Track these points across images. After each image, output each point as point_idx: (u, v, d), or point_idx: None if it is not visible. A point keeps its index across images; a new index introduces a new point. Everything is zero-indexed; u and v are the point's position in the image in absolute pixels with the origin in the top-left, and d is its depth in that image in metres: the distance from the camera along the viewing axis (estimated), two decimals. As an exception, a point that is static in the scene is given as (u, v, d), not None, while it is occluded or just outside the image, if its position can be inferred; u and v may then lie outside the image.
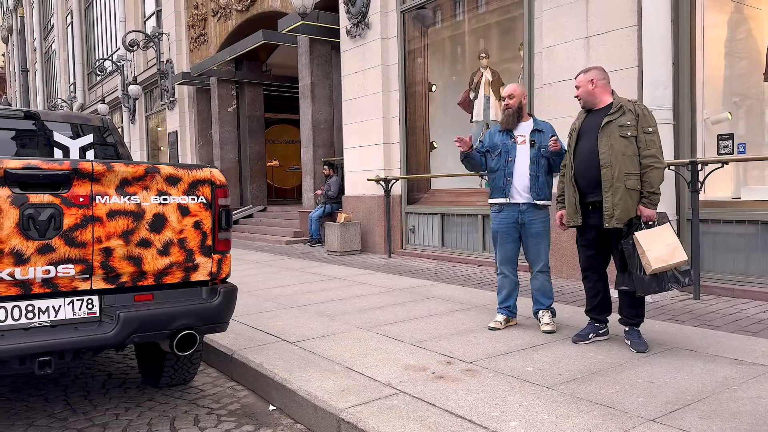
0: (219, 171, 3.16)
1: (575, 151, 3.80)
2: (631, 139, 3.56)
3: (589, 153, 3.68)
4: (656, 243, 3.50)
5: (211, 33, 14.88)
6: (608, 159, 3.58)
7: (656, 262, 3.47)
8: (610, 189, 3.57)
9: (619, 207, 3.56)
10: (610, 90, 3.77)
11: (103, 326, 2.77)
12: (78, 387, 3.78)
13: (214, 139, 15.06)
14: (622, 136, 3.56)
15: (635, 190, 3.56)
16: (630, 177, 3.55)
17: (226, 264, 3.16)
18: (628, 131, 3.56)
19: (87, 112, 24.24)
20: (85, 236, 2.71)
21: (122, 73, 19.07)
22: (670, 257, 3.49)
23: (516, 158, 4.22)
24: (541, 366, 3.43)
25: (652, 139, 3.57)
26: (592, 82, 3.74)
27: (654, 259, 3.47)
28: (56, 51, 28.50)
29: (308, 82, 11.04)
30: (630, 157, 3.56)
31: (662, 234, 3.54)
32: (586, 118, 3.81)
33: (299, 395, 3.18)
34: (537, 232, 4.22)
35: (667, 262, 3.48)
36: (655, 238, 3.52)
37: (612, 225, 3.59)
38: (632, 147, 3.56)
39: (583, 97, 3.80)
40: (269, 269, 7.92)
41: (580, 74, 3.82)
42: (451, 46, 8.82)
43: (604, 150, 3.59)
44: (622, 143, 3.56)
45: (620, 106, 3.64)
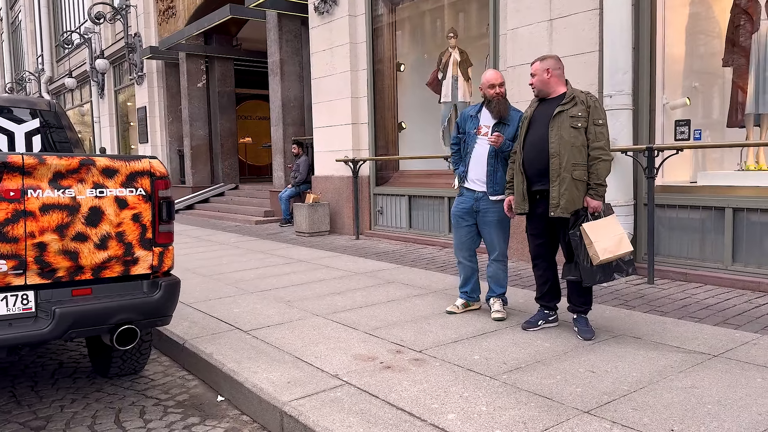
0: (159, 162, 3.09)
1: (525, 140, 3.79)
2: (581, 130, 3.56)
3: (539, 142, 3.68)
4: (603, 234, 3.53)
5: (179, 6, 14.51)
6: (557, 148, 3.58)
7: (603, 253, 3.51)
8: (558, 178, 3.58)
9: (564, 197, 3.57)
10: (564, 80, 3.76)
11: (39, 322, 2.73)
12: (27, 377, 3.73)
13: (184, 115, 14.79)
14: (573, 127, 3.56)
15: (582, 181, 3.57)
16: (577, 167, 3.56)
17: (168, 257, 3.12)
18: (579, 122, 3.56)
19: (55, 85, 23.64)
20: (17, 231, 2.65)
21: (90, 47, 18.56)
22: (617, 248, 3.53)
23: (475, 149, 4.22)
24: (488, 354, 3.46)
25: (602, 131, 3.57)
26: (547, 71, 3.71)
27: (601, 250, 3.50)
28: (23, 21, 27.59)
29: (277, 58, 10.86)
30: (579, 147, 3.56)
31: (608, 225, 3.57)
32: (538, 107, 3.80)
33: (245, 387, 3.18)
34: (490, 222, 4.22)
35: (613, 252, 3.52)
36: (602, 229, 3.55)
37: (557, 214, 3.61)
38: (581, 138, 3.56)
39: (537, 86, 3.77)
40: (235, 251, 7.87)
41: (536, 62, 3.78)
42: (420, 24, 8.72)
43: (554, 139, 3.60)
44: (572, 134, 3.56)
45: (573, 96, 3.64)
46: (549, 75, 3.71)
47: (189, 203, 14.10)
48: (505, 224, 4.26)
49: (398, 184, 8.54)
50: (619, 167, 5.27)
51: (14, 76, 30.36)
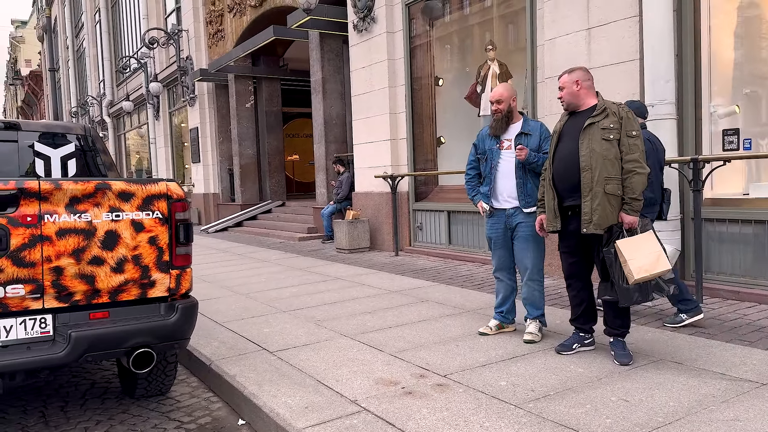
0: (177, 184, 3.10)
1: (554, 154, 3.63)
2: (613, 143, 3.38)
3: (569, 156, 3.51)
4: (639, 251, 3.33)
5: (227, 29, 14.91)
6: (588, 162, 3.41)
7: (638, 272, 3.30)
8: (590, 193, 3.40)
9: (597, 212, 3.39)
10: (594, 92, 3.59)
11: (56, 345, 2.76)
12: (59, 397, 3.80)
13: (233, 134, 15.13)
14: (604, 139, 3.39)
15: (615, 196, 3.38)
16: (610, 181, 3.37)
17: (185, 279, 3.11)
18: (611, 134, 3.38)
19: (115, 108, 24.68)
20: (34, 256, 2.69)
21: (146, 71, 19.30)
22: (653, 267, 3.31)
23: (500, 164, 4.09)
24: (516, 380, 3.30)
25: (636, 143, 3.37)
26: (577, 83, 3.54)
27: (636, 268, 3.30)
28: (86, 48, 29.03)
29: (319, 77, 10.96)
30: (611, 160, 3.38)
31: (645, 242, 3.36)
32: (568, 120, 3.64)
33: (263, 411, 3.13)
34: (524, 237, 4.05)
35: (649, 271, 3.31)
36: (638, 246, 3.34)
37: (590, 231, 3.43)
38: (614, 150, 3.38)
39: (566, 98, 3.60)
40: (275, 268, 7.91)
41: (564, 74, 3.62)
42: (458, 38, 8.62)
43: (585, 153, 3.42)
44: (604, 146, 3.38)
45: (604, 108, 3.46)
46: (579, 87, 3.55)
47: (238, 220, 14.36)
48: (539, 239, 4.08)
49: (437, 199, 8.42)
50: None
51: (79, 101, 31.92)
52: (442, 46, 8.71)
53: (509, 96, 4.07)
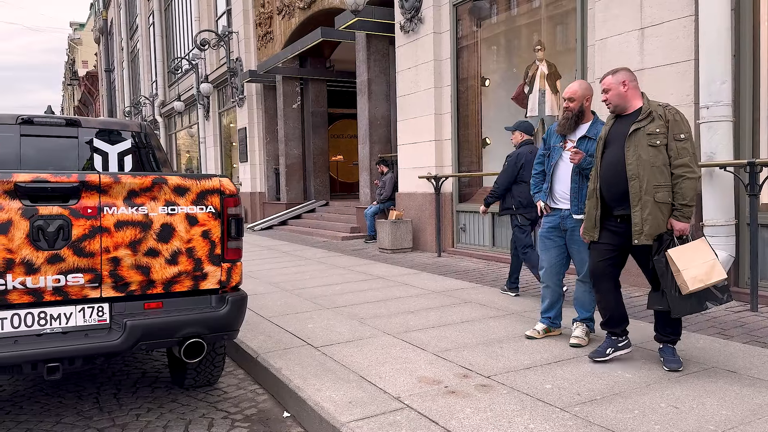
0: (229, 180, 3.18)
1: (602, 161, 3.51)
2: (660, 148, 3.25)
3: (616, 163, 3.38)
4: (692, 260, 3.20)
5: (276, 31, 15.17)
6: (636, 170, 3.28)
7: (693, 283, 3.17)
8: (639, 203, 3.28)
9: (648, 222, 3.27)
10: (640, 93, 3.46)
11: (112, 333, 2.86)
12: (111, 384, 3.95)
13: (280, 135, 15.38)
14: (651, 145, 3.25)
15: (666, 204, 3.26)
16: (660, 189, 3.26)
17: (236, 272, 3.19)
18: (657, 139, 3.25)
19: (167, 108, 25.39)
20: (94, 246, 2.81)
21: (197, 72, 19.80)
22: (708, 276, 3.19)
23: (560, 164, 4.01)
24: (561, 383, 3.26)
25: (685, 146, 3.24)
26: (623, 84, 3.39)
27: (690, 279, 3.17)
28: (140, 50, 29.98)
29: (365, 78, 11.04)
30: (659, 168, 3.25)
31: (698, 250, 3.23)
32: (614, 125, 3.50)
33: (308, 404, 3.18)
34: (580, 241, 3.94)
35: (704, 282, 3.18)
36: (691, 255, 3.21)
37: (641, 242, 3.31)
38: (662, 156, 3.25)
39: (613, 101, 3.44)
40: (319, 266, 8.00)
41: (608, 76, 3.48)
42: (505, 39, 8.55)
43: (632, 160, 3.29)
44: (651, 153, 3.25)
45: (649, 111, 3.31)
46: (626, 88, 3.39)
47: (283, 219, 14.58)
48: None
49: (481, 201, 8.33)
50: (717, 184, 4.86)
51: (132, 100, 32.99)
52: (489, 46, 8.66)
53: (583, 95, 3.90)
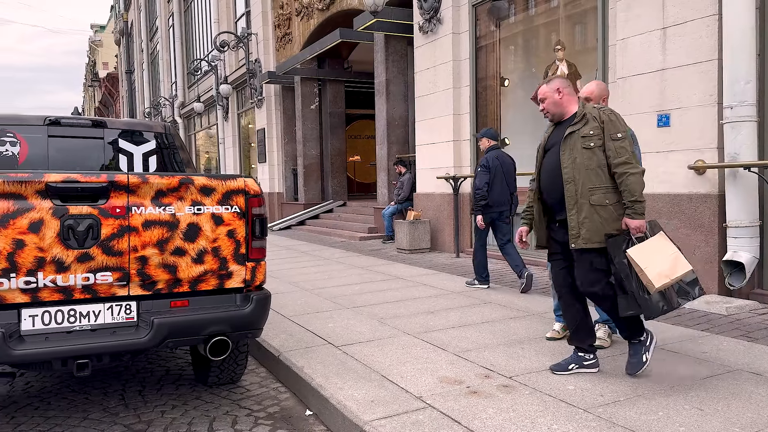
0: (254, 180, 3.22)
1: (540, 168, 3.50)
2: (594, 150, 3.19)
3: (554, 169, 3.34)
4: (654, 257, 3.10)
5: (295, 32, 15.26)
6: (571, 174, 3.24)
7: (659, 279, 3.07)
8: (575, 206, 3.23)
9: (585, 225, 3.21)
10: (575, 98, 3.40)
11: (139, 331, 2.92)
12: (136, 382, 4.01)
13: (298, 135, 15.47)
14: (585, 148, 3.20)
15: (602, 206, 3.20)
16: (595, 192, 3.20)
17: (260, 272, 3.23)
18: (591, 141, 3.20)
19: (186, 109, 25.65)
20: (122, 245, 2.86)
21: (216, 73, 19.98)
22: (673, 270, 3.09)
23: None
24: (584, 384, 3.25)
25: (622, 145, 3.16)
26: (558, 91, 3.34)
27: (656, 276, 3.06)
28: (160, 52, 30.32)
29: (383, 79, 11.07)
30: (594, 170, 3.19)
31: (658, 246, 3.14)
32: (553, 132, 3.47)
33: (330, 403, 3.21)
34: None
35: (670, 276, 3.08)
36: (651, 251, 3.12)
37: (579, 245, 3.24)
38: (596, 158, 3.19)
39: (550, 109, 3.39)
40: (337, 266, 8.04)
41: (543, 86, 3.43)
42: (524, 38, 8.52)
43: (567, 164, 3.25)
44: (585, 155, 3.20)
45: (583, 114, 3.27)
46: (561, 95, 3.34)
47: (301, 219, 14.66)
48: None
49: (501, 201, 8.33)
50: (741, 185, 4.81)
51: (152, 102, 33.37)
52: (508, 46, 8.64)
53: (600, 95, 3.89)
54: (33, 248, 2.68)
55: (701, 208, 5.26)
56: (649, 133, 5.70)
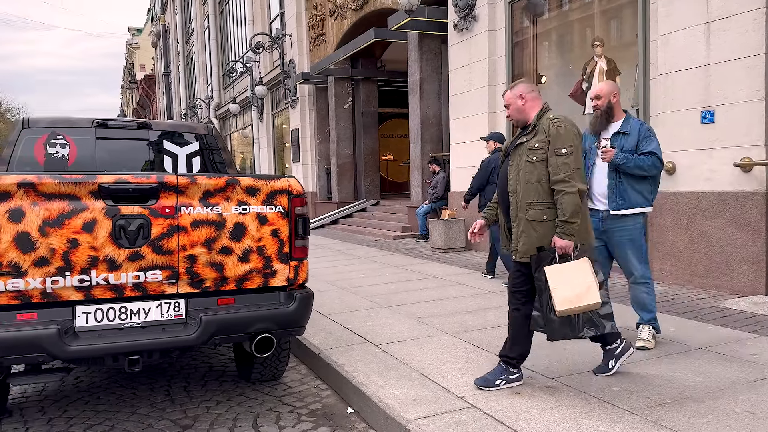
0: (297, 181, 3.27)
1: (499, 174, 3.45)
2: (536, 164, 3.11)
3: (504, 177, 3.32)
4: (567, 281, 3.01)
5: (328, 33, 15.35)
6: (515, 186, 3.20)
7: (562, 303, 3.00)
8: (516, 219, 3.21)
9: (522, 239, 3.17)
10: (539, 104, 3.26)
11: (188, 328, 2.98)
12: (181, 377, 4.10)
13: (331, 135, 15.57)
14: (528, 161, 3.13)
15: (539, 222, 3.12)
16: (532, 207, 3.13)
17: (302, 270, 3.27)
18: (534, 155, 3.11)
19: (222, 110, 26.04)
20: (171, 244, 2.93)
21: (251, 75, 20.24)
22: (579, 299, 3.00)
23: (596, 163, 3.97)
24: (629, 386, 3.20)
25: (565, 161, 3.03)
26: (521, 97, 3.25)
27: (560, 299, 3.00)
28: (196, 54, 30.84)
29: (417, 77, 11.06)
30: (534, 184, 3.12)
31: (576, 271, 3.03)
32: (515, 138, 3.38)
33: (373, 401, 3.23)
34: (620, 242, 3.91)
35: (574, 303, 3.00)
36: (568, 274, 3.02)
37: (518, 258, 3.22)
38: (537, 173, 3.11)
39: (513, 115, 3.32)
40: (372, 265, 8.07)
41: (507, 92, 3.35)
42: (563, 34, 8.41)
43: (512, 176, 3.22)
44: (527, 169, 3.13)
45: (535, 125, 3.18)
46: (524, 101, 3.24)
47: (334, 218, 14.76)
48: (637, 242, 3.90)
49: (538, 200, 8.25)
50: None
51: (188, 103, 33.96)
52: (545, 42, 8.54)
53: (609, 92, 3.92)
54: (86, 247, 2.77)
55: (748, 206, 5.12)
56: (692, 130, 5.58)
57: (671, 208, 5.85)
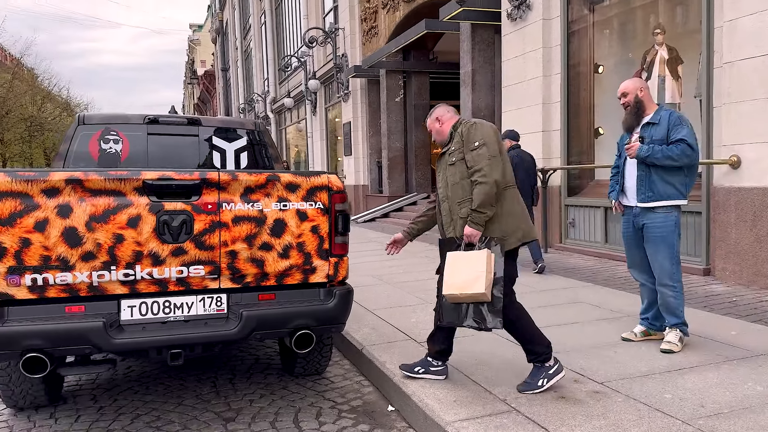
0: (337, 177, 3.24)
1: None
2: (456, 165, 3.18)
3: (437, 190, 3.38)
4: (460, 268, 3.03)
5: (381, 25, 15.31)
6: (444, 192, 3.26)
7: (448, 288, 3.04)
8: (451, 223, 3.22)
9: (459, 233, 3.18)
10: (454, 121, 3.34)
11: (229, 323, 3.01)
12: (227, 369, 4.17)
13: (382, 128, 15.55)
14: (450, 164, 3.22)
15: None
16: (463, 204, 3.15)
17: (342, 267, 3.25)
18: (454, 157, 3.20)
19: (277, 104, 26.45)
20: (213, 240, 2.96)
21: (305, 69, 20.45)
22: (463, 287, 2.99)
23: (628, 159, 3.84)
24: (683, 394, 3.04)
25: (480, 153, 3.08)
26: (438, 120, 3.37)
27: (447, 285, 3.04)
28: (253, 49, 31.42)
29: (469, 69, 10.87)
30: (458, 183, 3.17)
31: (473, 259, 3.02)
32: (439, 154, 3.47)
33: (413, 400, 3.19)
34: (650, 239, 3.77)
35: (459, 290, 3.00)
36: (464, 262, 3.04)
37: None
38: (459, 172, 3.17)
39: (437, 138, 3.42)
40: (421, 260, 8.01)
41: (427, 119, 3.47)
42: (622, 22, 8.07)
43: (441, 184, 3.29)
44: (450, 171, 3.21)
45: (452, 134, 3.29)
46: (440, 123, 3.35)
47: (385, 212, 14.75)
48: (668, 241, 3.72)
49: (593, 194, 7.99)
50: None
51: (246, 98, 34.68)
52: (603, 31, 8.22)
53: (635, 87, 3.83)
54: (131, 242, 2.83)
55: (822, 203, 4.78)
56: (759, 121, 5.25)
57: (735, 204, 5.54)
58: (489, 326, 3.10)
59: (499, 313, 3.07)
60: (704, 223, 6.11)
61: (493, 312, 3.07)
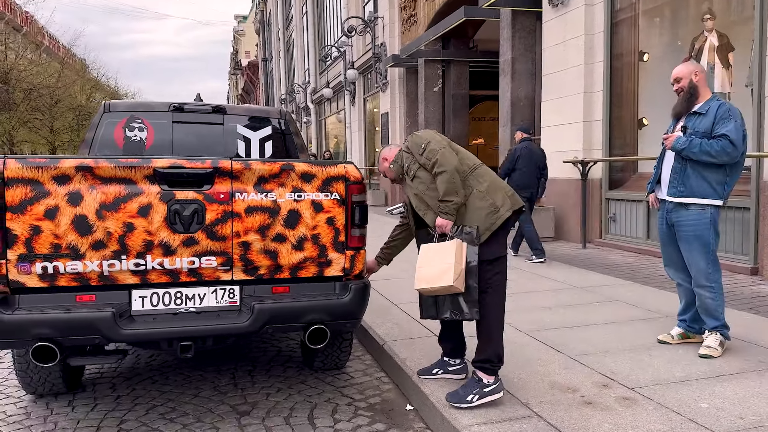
0: (354, 167, 3.12)
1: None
2: (418, 174, 3.10)
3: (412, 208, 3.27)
4: (432, 260, 2.96)
5: (420, 13, 15.07)
6: (418, 203, 3.12)
7: (419, 282, 2.98)
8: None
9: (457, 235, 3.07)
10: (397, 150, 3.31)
11: (242, 315, 2.94)
12: (248, 361, 4.12)
13: (420, 119, 15.33)
14: (414, 179, 3.13)
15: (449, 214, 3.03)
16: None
17: (359, 260, 3.13)
18: (412, 171, 3.13)
19: (317, 95, 26.49)
20: (226, 230, 2.88)
21: (344, 59, 20.37)
22: (434, 279, 2.90)
23: (668, 150, 3.60)
24: (720, 403, 2.82)
25: (429, 149, 3.03)
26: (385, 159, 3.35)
27: (418, 278, 2.98)
28: (295, 39, 31.53)
29: (509, 57, 10.56)
30: (430, 187, 3.07)
31: (442, 252, 2.93)
32: None
33: (431, 401, 3.06)
34: (684, 237, 3.53)
35: (429, 283, 2.92)
36: (434, 254, 2.96)
37: None
38: (426, 178, 3.08)
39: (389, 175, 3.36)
40: (454, 253, 7.84)
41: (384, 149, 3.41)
42: (668, 8, 7.67)
43: (413, 201, 3.16)
44: (417, 182, 3.12)
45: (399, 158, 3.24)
46: (387, 160, 3.32)
47: (422, 203, 14.56)
48: (703, 240, 3.47)
49: (635, 188, 7.65)
50: None
51: (287, 88, 34.89)
52: (649, 17, 7.84)
53: (690, 71, 3.56)
54: (142, 231, 2.77)
55: None
56: (818, 111, 4.88)
57: (789, 200, 5.19)
58: (466, 317, 2.99)
59: (476, 303, 2.95)
60: (753, 219, 5.76)
61: (469, 302, 2.95)
